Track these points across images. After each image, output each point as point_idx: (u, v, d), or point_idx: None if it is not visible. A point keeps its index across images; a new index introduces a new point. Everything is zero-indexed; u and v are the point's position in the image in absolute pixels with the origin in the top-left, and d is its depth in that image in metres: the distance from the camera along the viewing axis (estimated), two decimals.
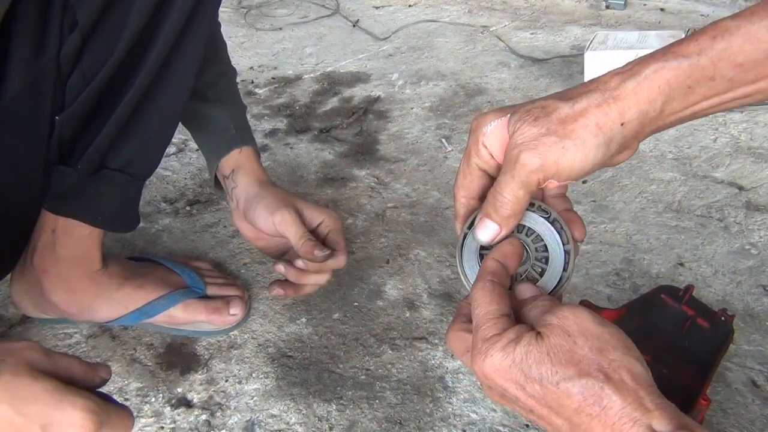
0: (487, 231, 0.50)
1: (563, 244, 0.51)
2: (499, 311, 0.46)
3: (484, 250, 0.53)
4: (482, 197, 0.52)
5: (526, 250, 0.52)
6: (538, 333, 0.43)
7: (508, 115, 0.49)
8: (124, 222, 0.79)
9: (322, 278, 0.79)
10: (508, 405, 0.46)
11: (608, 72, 0.47)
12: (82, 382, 0.49)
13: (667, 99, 0.45)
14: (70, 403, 0.45)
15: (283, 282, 0.78)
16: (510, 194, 0.48)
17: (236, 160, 0.82)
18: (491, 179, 0.52)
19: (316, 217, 0.80)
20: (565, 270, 0.51)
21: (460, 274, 0.54)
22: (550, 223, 0.51)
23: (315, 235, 0.79)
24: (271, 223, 0.78)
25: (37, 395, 0.44)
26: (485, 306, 0.46)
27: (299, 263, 0.76)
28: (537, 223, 0.52)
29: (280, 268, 0.76)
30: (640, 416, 0.39)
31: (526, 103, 0.49)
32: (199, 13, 0.72)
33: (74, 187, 0.74)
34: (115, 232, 0.80)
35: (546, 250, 0.52)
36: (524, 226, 0.52)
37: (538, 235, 0.52)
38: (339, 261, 0.78)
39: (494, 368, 0.44)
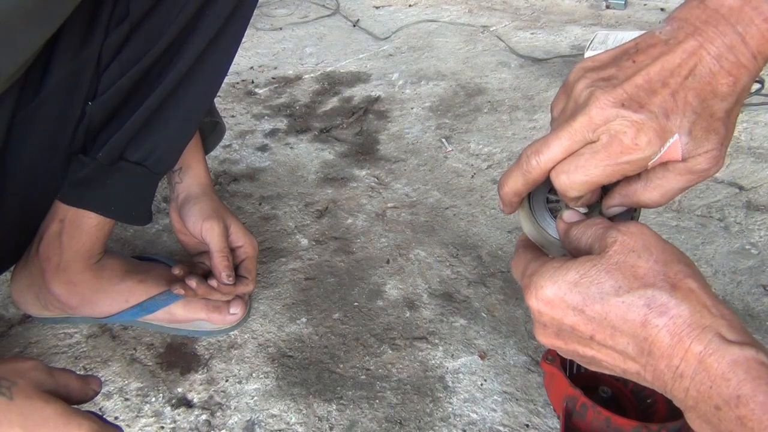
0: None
1: None
2: (536, 256, 0.47)
3: (551, 203, 0.52)
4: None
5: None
6: (599, 252, 0.42)
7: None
8: (136, 214, 0.79)
9: (227, 297, 0.83)
10: (564, 345, 0.44)
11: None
12: (77, 396, 0.53)
13: None
14: (77, 425, 0.48)
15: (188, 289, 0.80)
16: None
17: (185, 158, 0.84)
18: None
19: (239, 239, 0.83)
20: None
21: (529, 226, 0.52)
22: None
23: (232, 255, 0.83)
24: (199, 227, 0.81)
25: (48, 418, 0.48)
26: (524, 254, 0.47)
27: (213, 282, 0.79)
28: None
29: (192, 282, 0.78)
30: (708, 323, 0.37)
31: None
32: (237, 15, 0.74)
33: (89, 177, 0.74)
34: (126, 223, 0.81)
35: None
36: None
37: None
38: (247, 288, 0.83)
39: (547, 299, 0.42)
